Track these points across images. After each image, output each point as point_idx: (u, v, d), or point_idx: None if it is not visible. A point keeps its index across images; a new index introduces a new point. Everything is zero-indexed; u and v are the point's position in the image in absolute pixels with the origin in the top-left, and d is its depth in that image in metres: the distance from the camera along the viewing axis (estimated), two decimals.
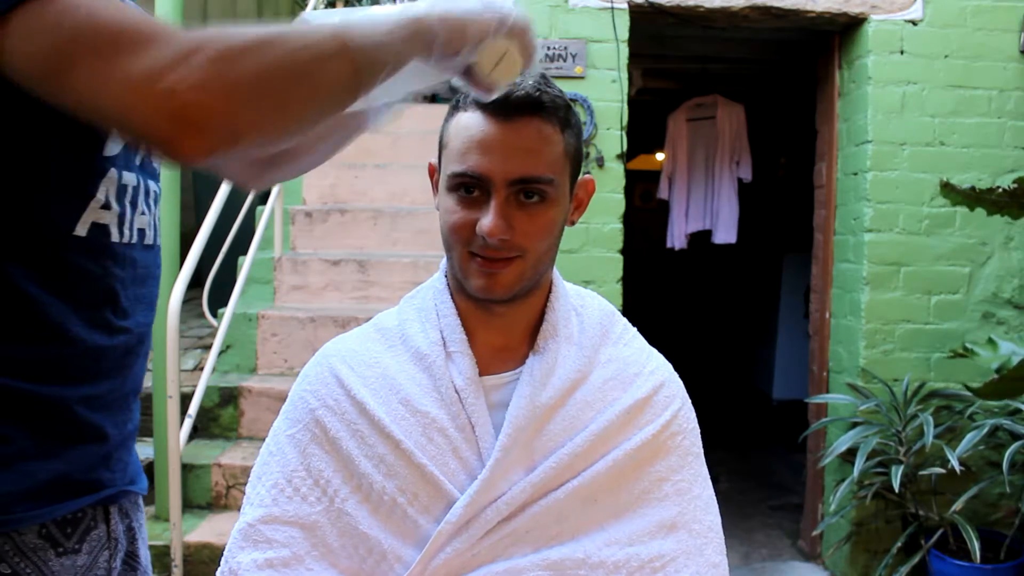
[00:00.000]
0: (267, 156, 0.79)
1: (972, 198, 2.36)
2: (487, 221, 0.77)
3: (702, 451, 0.91)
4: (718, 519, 0.89)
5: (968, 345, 2.60)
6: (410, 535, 0.79)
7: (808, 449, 3.27)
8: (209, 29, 0.58)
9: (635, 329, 0.96)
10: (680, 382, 0.93)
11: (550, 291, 0.90)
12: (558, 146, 0.80)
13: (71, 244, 0.67)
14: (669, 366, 0.93)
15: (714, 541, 0.86)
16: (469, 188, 0.79)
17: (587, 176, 0.89)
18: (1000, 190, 2.30)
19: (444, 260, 0.88)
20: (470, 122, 0.79)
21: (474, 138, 0.78)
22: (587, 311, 0.92)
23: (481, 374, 0.84)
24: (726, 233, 4.08)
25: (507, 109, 0.77)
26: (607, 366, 0.88)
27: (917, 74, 2.89)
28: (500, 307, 0.84)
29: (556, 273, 0.92)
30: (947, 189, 2.44)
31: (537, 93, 0.78)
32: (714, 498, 0.89)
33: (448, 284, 0.89)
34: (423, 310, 0.89)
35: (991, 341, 2.57)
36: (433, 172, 0.87)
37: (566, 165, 0.82)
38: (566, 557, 0.78)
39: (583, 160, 0.89)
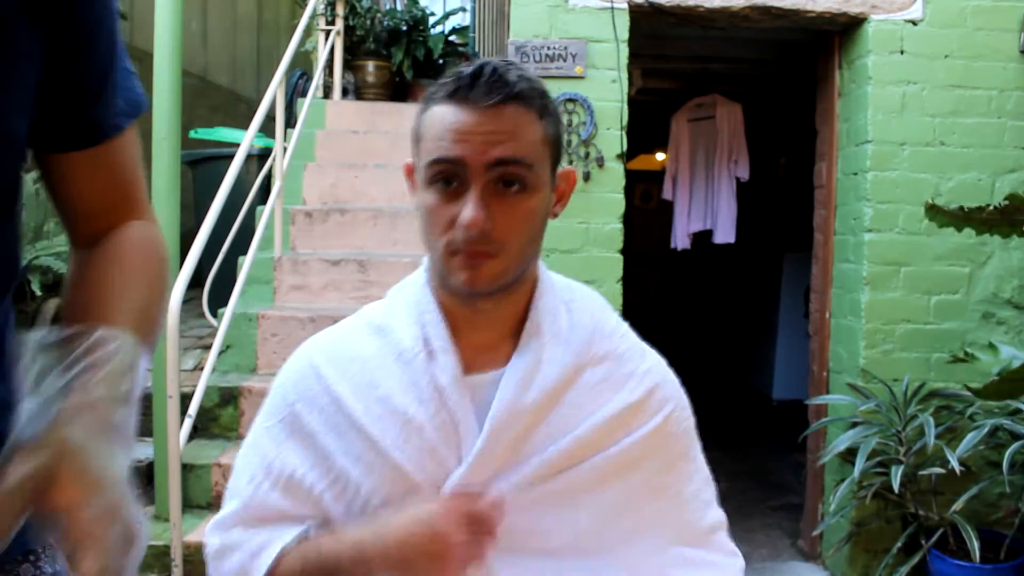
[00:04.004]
0: None
1: (960, 218, 2.30)
2: (467, 212, 0.74)
3: (696, 451, 0.90)
4: (710, 514, 0.90)
5: (968, 350, 2.60)
6: None
7: (808, 449, 3.27)
8: None
9: (627, 325, 0.93)
10: (675, 381, 0.91)
11: (536, 286, 0.86)
12: (536, 132, 0.78)
13: None
14: (663, 364, 0.91)
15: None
16: (448, 180, 0.76)
17: (568, 168, 0.87)
18: (990, 208, 2.25)
19: (426, 258, 0.86)
20: (444, 112, 0.77)
21: (449, 126, 0.76)
22: (577, 306, 0.89)
23: (466, 372, 0.82)
24: (725, 233, 4.08)
25: (482, 97, 0.76)
26: (600, 365, 0.85)
27: (917, 74, 2.89)
28: (485, 303, 0.82)
29: (543, 267, 0.89)
30: (933, 211, 2.36)
31: (514, 79, 0.77)
32: (706, 498, 0.90)
33: (430, 281, 0.86)
34: (408, 305, 0.87)
35: (991, 346, 2.56)
36: (410, 172, 0.84)
37: (546, 152, 0.80)
38: (544, 566, 0.79)
39: (564, 150, 0.89)
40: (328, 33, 4.61)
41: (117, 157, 0.72)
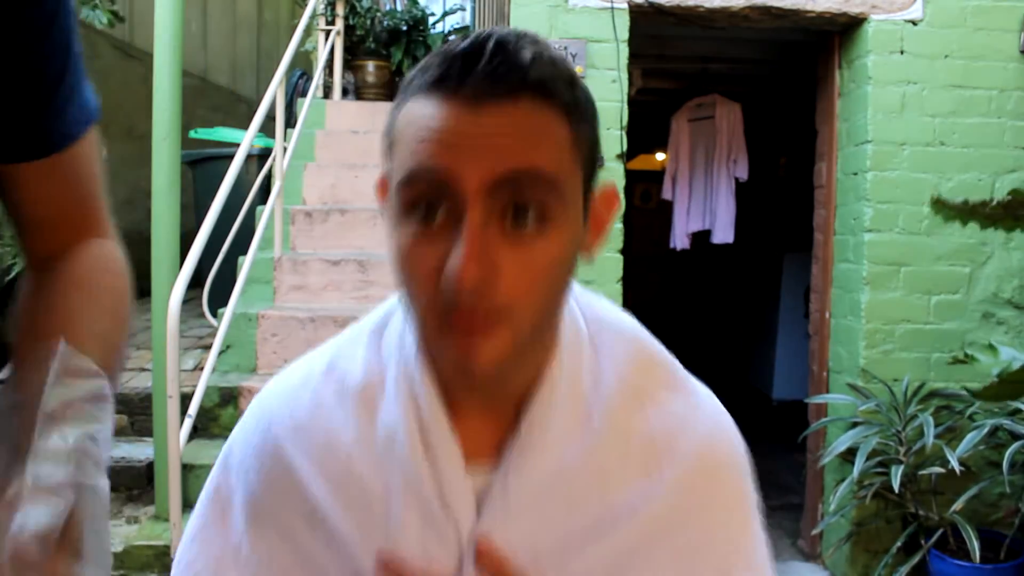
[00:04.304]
0: None
1: (965, 212, 2.33)
2: (455, 262, 0.50)
3: (753, 531, 0.67)
4: None
5: (968, 351, 2.60)
6: None
7: (808, 449, 3.27)
8: None
9: (678, 374, 0.68)
10: (732, 457, 0.67)
11: (555, 346, 0.62)
12: (563, 137, 0.53)
13: None
14: (712, 434, 0.66)
15: None
16: (430, 207, 0.52)
17: (610, 185, 0.59)
18: (994, 202, 2.28)
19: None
20: (425, 108, 0.53)
21: (431, 126, 0.52)
22: (605, 358, 0.64)
23: (468, 460, 0.61)
24: (723, 233, 4.09)
25: (481, 88, 0.51)
26: (625, 443, 0.62)
27: (917, 74, 2.89)
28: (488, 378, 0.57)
29: (570, 313, 0.64)
30: (939, 205, 2.40)
31: (527, 60, 0.52)
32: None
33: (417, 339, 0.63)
34: (393, 371, 0.64)
35: (991, 347, 2.56)
36: (383, 189, 0.59)
37: (576, 165, 0.54)
38: None
39: (600, 161, 0.61)
40: (328, 33, 4.62)
41: (72, 168, 0.64)
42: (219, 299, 3.27)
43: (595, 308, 0.68)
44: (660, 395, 0.65)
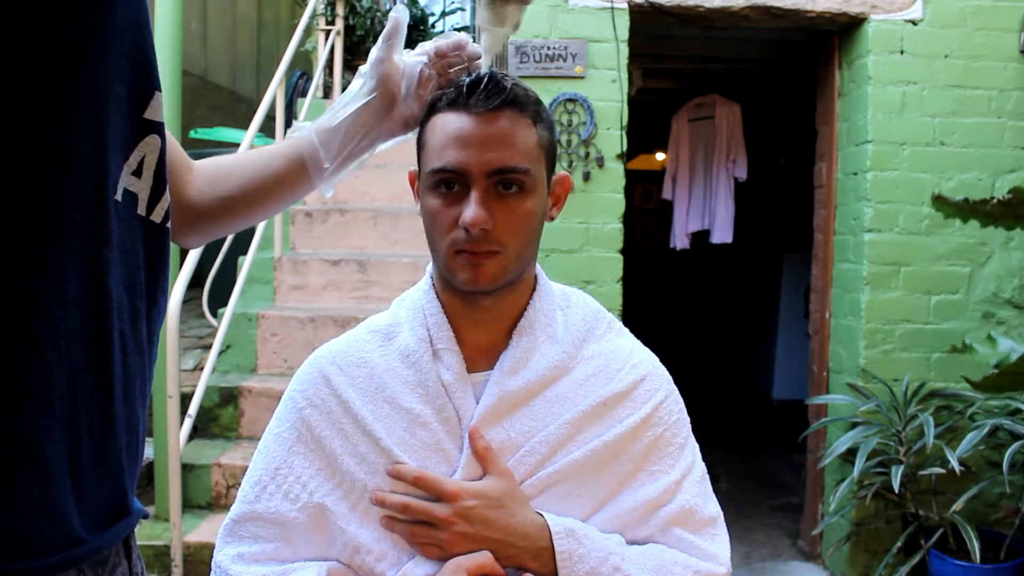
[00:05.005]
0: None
1: (965, 210, 2.33)
2: (469, 213, 0.79)
3: (689, 441, 0.91)
4: (711, 506, 0.89)
5: (967, 341, 2.60)
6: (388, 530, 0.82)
7: (808, 449, 3.27)
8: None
9: (621, 325, 0.96)
10: (666, 375, 0.93)
11: (534, 289, 0.91)
12: (532, 137, 0.82)
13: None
14: (654, 359, 0.94)
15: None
16: (450, 184, 0.81)
17: (563, 173, 0.91)
18: (994, 200, 2.27)
19: (430, 264, 0.91)
20: (445, 121, 0.82)
21: (451, 134, 0.81)
22: (572, 310, 0.93)
23: (469, 371, 0.86)
24: (722, 233, 4.09)
25: (480, 103, 0.81)
26: (590, 363, 0.89)
27: (917, 74, 2.89)
28: (485, 301, 0.86)
29: (541, 273, 0.93)
30: (939, 202, 2.40)
31: (509, 86, 0.81)
32: (705, 489, 0.90)
33: (434, 285, 0.90)
34: (411, 310, 0.91)
35: (990, 338, 2.56)
36: (414, 180, 0.89)
37: (541, 156, 0.84)
38: None
39: (557, 157, 0.89)
40: (328, 33, 4.61)
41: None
42: (219, 299, 3.27)
43: (562, 286, 0.97)
44: (610, 335, 0.93)
